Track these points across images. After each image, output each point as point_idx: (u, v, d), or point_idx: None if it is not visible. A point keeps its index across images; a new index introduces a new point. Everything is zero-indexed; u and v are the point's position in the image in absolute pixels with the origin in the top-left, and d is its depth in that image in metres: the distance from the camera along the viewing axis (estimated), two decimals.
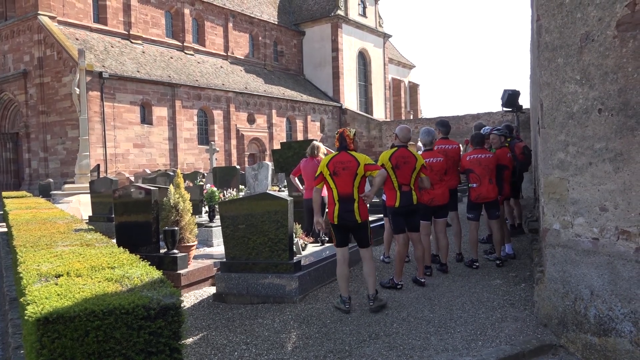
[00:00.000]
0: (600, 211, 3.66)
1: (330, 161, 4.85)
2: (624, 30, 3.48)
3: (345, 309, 4.85)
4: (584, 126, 3.72)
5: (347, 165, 4.76)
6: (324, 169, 4.86)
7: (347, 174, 4.76)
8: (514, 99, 12.64)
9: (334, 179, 4.80)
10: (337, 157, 4.86)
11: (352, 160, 4.79)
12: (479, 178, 6.27)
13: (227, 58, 32.05)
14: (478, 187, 6.30)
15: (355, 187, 4.78)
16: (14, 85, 24.48)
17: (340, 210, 4.78)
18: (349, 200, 4.77)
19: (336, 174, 4.78)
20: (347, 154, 4.85)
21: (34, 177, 23.84)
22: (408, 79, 48.36)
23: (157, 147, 24.70)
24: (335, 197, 4.82)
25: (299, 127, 33.63)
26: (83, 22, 24.67)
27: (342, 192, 4.78)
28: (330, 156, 4.92)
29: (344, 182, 4.77)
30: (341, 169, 4.77)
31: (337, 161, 4.82)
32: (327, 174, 4.83)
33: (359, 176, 4.76)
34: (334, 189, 4.82)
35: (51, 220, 6.37)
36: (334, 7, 37.16)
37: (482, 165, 6.26)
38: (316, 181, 4.94)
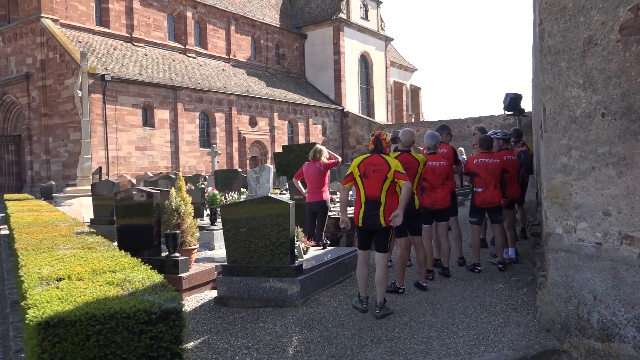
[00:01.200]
0: (603, 216, 3.64)
1: (362, 162, 4.83)
2: (628, 35, 3.47)
3: (362, 308, 4.87)
4: (587, 130, 3.70)
5: (378, 168, 4.75)
6: (354, 169, 4.84)
7: (377, 177, 4.74)
8: (516, 103, 12.63)
9: (363, 181, 4.79)
10: (370, 158, 4.84)
11: (384, 163, 4.77)
12: (484, 183, 6.25)
13: (229, 61, 32.11)
14: (483, 191, 6.27)
15: (384, 191, 4.74)
16: (16, 88, 24.54)
17: (366, 212, 4.77)
18: (376, 203, 4.75)
19: (366, 175, 4.77)
20: (380, 157, 4.82)
21: (35, 180, 23.88)
22: (410, 82, 48.38)
23: (159, 149, 24.72)
24: (362, 199, 4.81)
25: (300, 130, 33.65)
26: (86, 25, 24.74)
27: (370, 194, 4.77)
28: (362, 157, 4.91)
29: (372, 184, 4.76)
30: (372, 171, 4.76)
31: (369, 163, 4.80)
32: (357, 175, 4.82)
33: (388, 180, 4.73)
34: (361, 191, 4.81)
35: (53, 223, 6.37)
36: (336, 10, 37.21)
37: (489, 170, 6.24)
38: (346, 180, 4.90)
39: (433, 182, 6.04)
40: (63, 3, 23.92)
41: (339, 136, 36.92)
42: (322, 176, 7.54)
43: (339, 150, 35.66)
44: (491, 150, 6.50)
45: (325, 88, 37.58)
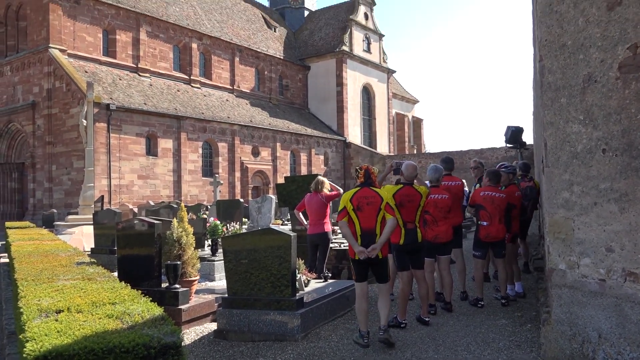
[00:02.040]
0: (606, 252, 3.62)
1: (354, 196, 4.86)
2: (627, 72, 3.51)
3: (364, 343, 4.80)
4: (589, 166, 3.72)
5: (371, 201, 4.81)
6: (347, 203, 4.86)
7: (371, 209, 4.79)
8: (517, 136, 12.69)
9: (358, 214, 4.81)
10: (361, 192, 4.88)
11: (375, 195, 4.84)
12: (490, 216, 6.22)
13: (233, 91, 32.49)
14: (488, 225, 6.24)
15: (378, 222, 4.79)
16: (22, 116, 24.79)
17: (362, 245, 4.77)
18: (372, 235, 4.78)
19: (360, 208, 4.80)
20: (370, 190, 4.88)
21: (37, 208, 23.89)
22: (412, 114, 48.77)
23: (162, 178, 24.80)
24: (357, 232, 4.81)
25: (302, 161, 33.78)
26: (93, 55, 25.15)
27: (365, 226, 4.79)
28: (353, 191, 4.94)
29: (367, 217, 4.79)
30: (365, 203, 4.80)
31: (361, 196, 4.84)
32: (351, 209, 4.84)
33: (382, 211, 4.80)
34: (356, 224, 4.82)
35: (53, 252, 6.35)
36: (339, 43, 37.82)
37: (495, 204, 6.22)
38: (341, 215, 4.91)
39: (435, 215, 6.03)
40: (71, 34, 24.37)
41: (341, 167, 37.03)
42: (323, 208, 7.53)
43: (341, 180, 35.72)
44: (499, 185, 6.50)
45: (327, 119, 37.89)
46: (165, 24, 28.70)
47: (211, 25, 32.25)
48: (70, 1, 24.30)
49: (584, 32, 3.72)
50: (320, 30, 40.53)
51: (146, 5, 28.10)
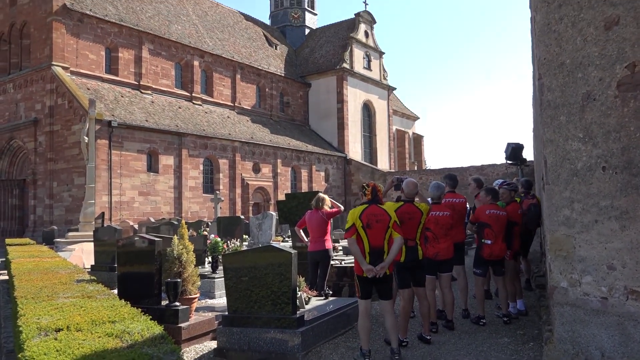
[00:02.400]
0: (608, 270, 3.61)
1: (363, 213, 4.88)
2: (625, 91, 3.54)
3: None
4: (589, 183, 3.72)
5: (380, 218, 4.85)
6: (356, 220, 4.87)
7: (380, 227, 4.83)
8: (517, 153, 12.73)
9: (367, 231, 4.83)
10: (370, 209, 4.90)
11: (384, 213, 4.88)
12: (494, 235, 6.20)
13: (234, 108, 32.65)
14: (492, 244, 6.22)
15: (386, 240, 4.83)
16: (24, 133, 24.90)
17: (370, 262, 4.78)
18: (380, 252, 4.81)
19: (370, 226, 4.82)
20: (378, 207, 4.93)
21: (38, 224, 23.86)
22: (412, 131, 48.92)
23: (162, 195, 24.80)
24: (366, 249, 4.83)
25: (303, 177, 33.81)
26: (95, 72, 25.34)
27: (374, 244, 4.82)
28: (361, 208, 4.95)
29: (376, 234, 4.82)
30: (374, 221, 4.83)
31: (371, 213, 4.87)
32: (360, 226, 4.85)
33: (390, 229, 4.85)
34: (365, 241, 4.84)
35: (53, 270, 6.34)
36: (339, 60, 38.10)
37: (500, 223, 6.22)
38: (349, 233, 4.91)
39: (436, 232, 6.02)
40: (74, 52, 24.58)
41: (342, 183, 37.04)
42: (324, 225, 7.52)
43: (342, 197, 35.70)
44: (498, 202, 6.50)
45: (328, 135, 38.00)
46: (167, 41, 28.97)
47: (213, 43, 32.53)
48: (73, 20, 24.56)
49: (582, 51, 3.75)
50: (321, 47, 40.87)
51: (149, 24, 28.39)
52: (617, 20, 3.58)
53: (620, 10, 3.58)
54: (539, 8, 4.07)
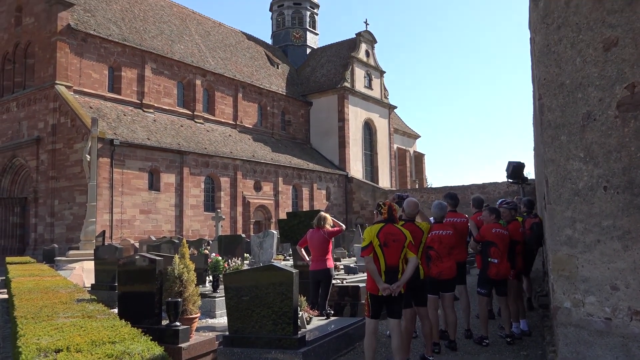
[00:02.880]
0: (611, 290, 3.59)
1: (381, 231, 4.89)
2: (625, 111, 3.56)
3: None
4: (590, 203, 3.72)
5: (397, 238, 4.87)
6: (374, 239, 4.88)
7: (397, 246, 4.85)
8: (518, 171, 12.73)
9: (384, 250, 4.84)
10: (387, 228, 4.92)
11: (400, 233, 4.91)
12: (500, 254, 6.18)
13: (235, 127, 32.81)
14: (499, 263, 6.19)
15: (401, 260, 4.85)
16: (26, 151, 24.99)
17: (386, 281, 4.78)
18: (395, 272, 4.83)
19: (387, 245, 4.84)
20: (395, 227, 4.96)
21: (39, 242, 23.81)
22: (413, 149, 49.05)
23: (163, 213, 24.79)
24: (382, 268, 4.83)
25: (305, 195, 33.80)
26: (98, 91, 25.53)
27: (390, 263, 4.83)
28: (378, 227, 4.96)
29: (393, 253, 4.84)
30: (392, 240, 4.85)
31: (388, 232, 4.89)
32: (377, 244, 4.86)
33: (405, 249, 4.88)
34: (381, 260, 4.84)
35: (54, 289, 6.31)
36: (340, 79, 38.38)
37: (505, 241, 6.21)
38: (366, 251, 4.91)
39: (440, 251, 5.99)
40: (77, 71, 24.80)
41: (343, 201, 37.01)
42: (326, 244, 7.50)
43: (343, 215, 35.64)
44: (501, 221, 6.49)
45: (329, 154, 38.10)
46: (170, 61, 29.24)
47: (215, 63, 32.82)
48: (77, 39, 24.83)
49: (581, 72, 3.78)
50: (322, 67, 41.20)
51: (152, 43, 28.68)
52: (616, 42, 3.61)
53: (618, 32, 3.61)
54: (538, 29, 4.11)
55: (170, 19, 32.50)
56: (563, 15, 3.95)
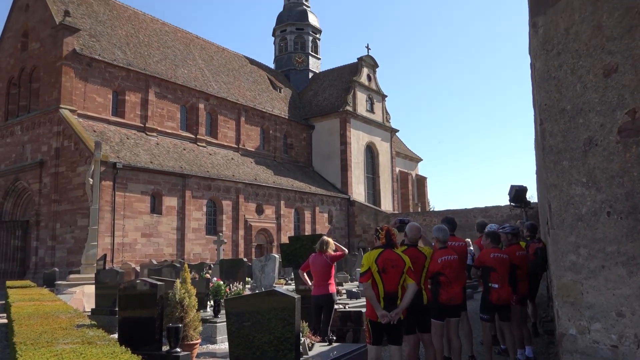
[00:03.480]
0: (617, 317, 3.54)
1: (379, 257, 4.87)
2: (627, 137, 3.56)
3: None
4: (594, 228, 3.70)
5: (396, 264, 4.85)
6: (372, 264, 4.86)
7: (396, 272, 4.82)
8: (521, 195, 12.71)
9: (382, 276, 4.82)
10: (386, 254, 4.90)
11: (399, 259, 4.89)
12: (500, 278, 6.13)
13: (238, 150, 32.94)
14: (499, 288, 6.13)
15: (400, 286, 4.82)
16: (29, 175, 25.07)
17: (385, 308, 4.74)
18: (394, 298, 4.80)
19: (385, 271, 4.82)
20: (393, 252, 4.94)
21: (39, 266, 23.71)
22: (415, 172, 49.11)
23: (165, 236, 24.73)
24: (380, 294, 4.81)
25: (307, 219, 33.73)
26: (102, 115, 25.73)
27: (389, 289, 4.81)
28: (376, 252, 4.95)
29: (391, 279, 4.81)
30: (390, 266, 4.83)
31: (387, 258, 4.87)
32: (375, 270, 4.84)
33: (404, 275, 4.86)
34: (380, 286, 4.82)
35: (54, 314, 6.26)
36: (342, 103, 38.67)
37: (504, 266, 6.16)
38: (365, 277, 4.89)
39: (450, 276, 5.90)
40: (82, 95, 25.05)
41: (345, 225, 36.91)
42: (328, 268, 7.46)
43: (345, 239, 35.51)
44: (499, 245, 6.45)
45: (331, 177, 38.15)
46: (173, 85, 29.53)
47: (218, 87, 33.13)
48: (82, 64, 25.14)
49: (582, 98, 3.80)
50: (324, 91, 41.56)
51: (156, 68, 29.01)
52: (616, 68, 3.64)
53: (618, 58, 3.65)
54: (539, 55, 4.15)
55: (174, 44, 32.93)
56: (563, 41, 3.99)
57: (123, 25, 29.82)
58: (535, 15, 4.20)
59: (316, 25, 47.43)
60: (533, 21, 4.21)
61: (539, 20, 4.16)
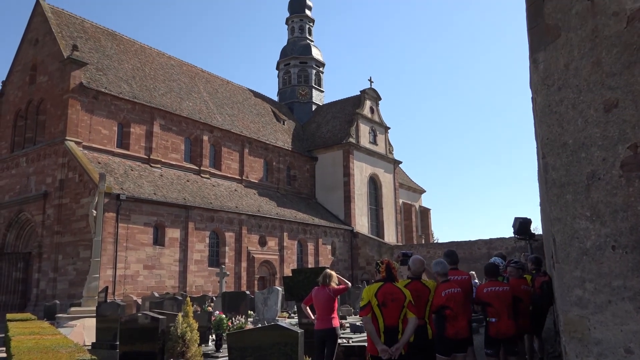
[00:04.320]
0: (625, 353, 3.48)
1: (379, 291, 4.85)
2: (629, 171, 3.57)
3: None
4: (599, 263, 3.67)
5: (396, 297, 4.82)
6: (372, 298, 4.83)
7: (396, 306, 4.79)
8: (525, 227, 12.63)
9: (382, 310, 4.79)
10: (385, 287, 4.88)
11: (399, 292, 4.87)
12: (497, 312, 6.06)
13: (241, 181, 33.04)
14: (497, 322, 6.06)
15: (401, 320, 4.78)
16: (33, 206, 25.12)
17: (386, 342, 4.69)
18: (394, 332, 4.75)
19: (385, 305, 4.79)
20: (394, 286, 4.91)
21: (40, 298, 23.52)
22: (419, 204, 49.03)
23: (167, 268, 24.59)
24: (381, 328, 4.77)
25: (310, 250, 33.55)
26: (107, 147, 25.94)
27: (389, 323, 4.77)
28: (376, 286, 4.93)
29: (391, 313, 4.78)
30: (390, 300, 4.80)
31: (387, 292, 4.84)
32: (375, 304, 4.81)
33: (405, 309, 4.82)
34: (380, 320, 4.79)
35: (54, 348, 6.18)
36: (345, 135, 38.94)
37: (500, 299, 6.08)
38: (365, 311, 4.86)
39: (456, 310, 5.83)
40: (87, 127, 25.32)
41: (349, 257, 36.67)
42: (331, 302, 7.37)
43: (349, 271, 35.23)
44: (497, 278, 6.40)
45: (335, 208, 38.09)
46: (178, 117, 29.85)
47: (222, 119, 33.47)
48: (88, 97, 25.49)
49: (584, 132, 3.83)
50: (328, 123, 41.91)
51: (161, 101, 29.39)
52: (616, 103, 3.68)
53: (618, 94, 3.69)
54: (539, 90, 4.20)
55: (179, 77, 33.44)
56: (563, 77, 4.05)
57: (130, 59, 30.36)
58: (535, 52, 4.27)
59: (319, 58, 48.19)
60: (533, 57, 4.27)
61: (539, 56, 4.23)
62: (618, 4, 3.40)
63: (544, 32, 4.13)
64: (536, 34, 4.19)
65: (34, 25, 28.17)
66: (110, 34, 30.96)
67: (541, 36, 4.15)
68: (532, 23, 4.25)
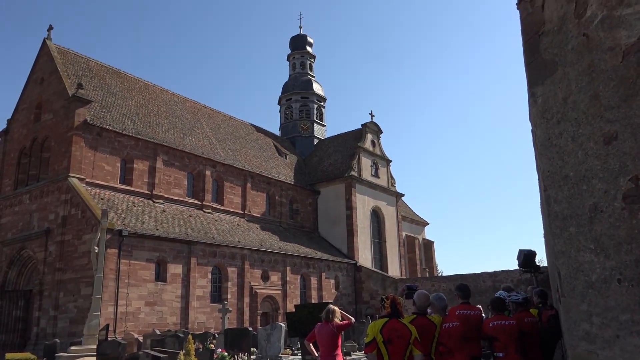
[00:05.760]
0: None
1: (385, 327, 4.80)
2: (631, 203, 3.56)
3: None
4: (606, 296, 3.63)
5: (401, 334, 4.78)
6: (377, 335, 4.78)
7: (401, 343, 4.75)
8: (530, 259, 12.50)
9: (387, 347, 4.74)
10: (391, 324, 4.84)
11: (404, 328, 4.83)
12: (504, 347, 5.95)
13: (244, 216, 32.99)
14: (504, 357, 5.94)
15: (406, 357, 4.73)
16: (35, 243, 25.03)
17: None
18: None
19: (390, 341, 4.74)
20: (399, 322, 4.87)
21: (40, 337, 23.18)
22: (422, 236, 48.75)
23: (169, 305, 24.31)
24: None
25: (313, 285, 33.21)
26: (110, 183, 26.04)
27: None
28: (381, 322, 4.89)
29: (397, 350, 4.73)
30: (395, 336, 4.76)
31: (392, 328, 4.80)
32: (381, 341, 4.76)
33: (410, 346, 4.77)
34: (385, 357, 4.73)
35: None
36: (347, 168, 39.07)
37: (507, 333, 5.98)
38: (370, 348, 4.81)
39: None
40: (91, 163, 25.47)
41: (352, 291, 36.26)
42: (335, 338, 7.25)
43: (352, 305, 34.77)
44: (503, 312, 6.31)
45: (337, 242, 37.89)
46: (181, 153, 30.04)
47: (225, 154, 33.68)
48: (92, 134, 25.73)
49: (584, 164, 3.84)
50: (330, 156, 42.12)
51: (164, 137, 29.65)
52: (616, 136, 3.70)
53: (617, 127, 3.71)
54: (539, 123, 4.24)
55: (182, 113, 33.82)
56: (562, 110, 4.09)
57: (133, 96, 30.79)
58: (533, 86, 4.32)
59: (320, 93, 48.80)
60: (532, 91, 4.32)
61: (538, 90, 4.28)
62: (613, 39, 3.46)
63: (541, 67, 4.19)
64: (534, 68, 4.26)
65: (40, 64, 28.70)
66: (114, 72, 31.49)
67: (539, 71, 4.21)
68: (529, 58, 4.32)
